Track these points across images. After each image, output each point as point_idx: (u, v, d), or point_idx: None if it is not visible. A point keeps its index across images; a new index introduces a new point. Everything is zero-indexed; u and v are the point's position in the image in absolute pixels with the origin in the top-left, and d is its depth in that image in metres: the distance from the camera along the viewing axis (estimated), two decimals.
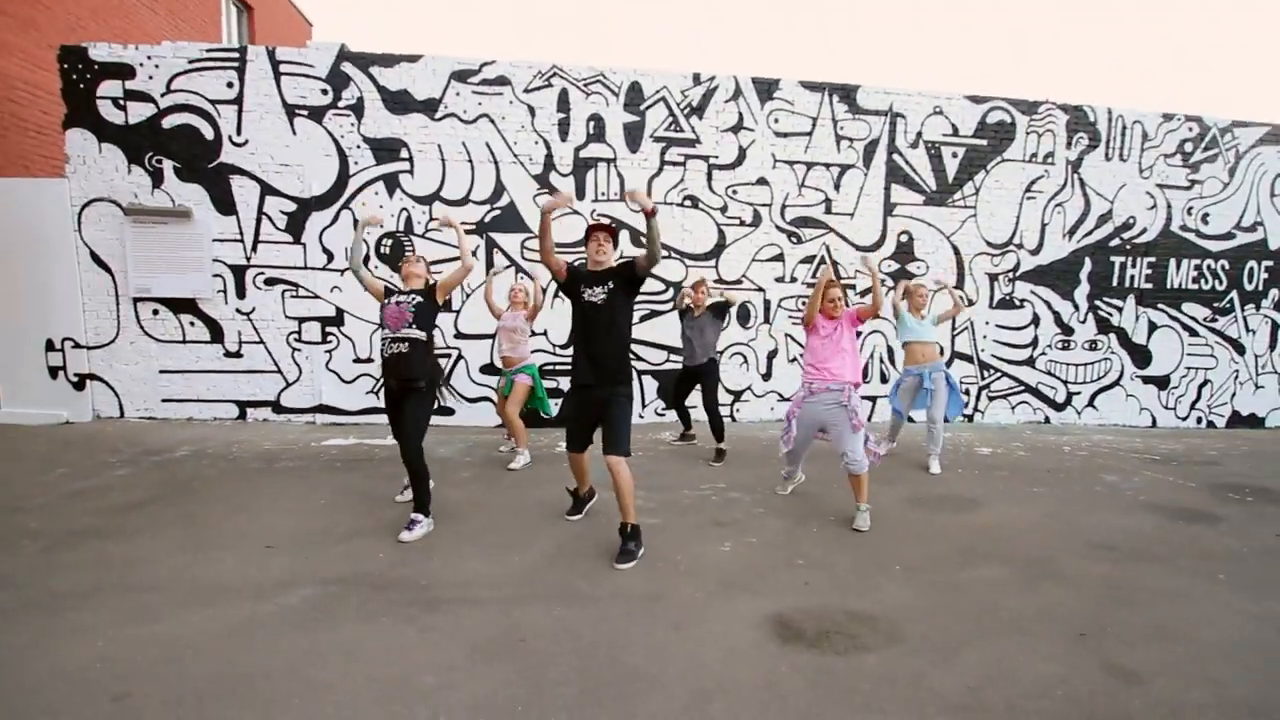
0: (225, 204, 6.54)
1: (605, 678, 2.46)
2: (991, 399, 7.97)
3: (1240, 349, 8.29)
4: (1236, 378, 8.31)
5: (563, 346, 7.15)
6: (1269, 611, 3.15)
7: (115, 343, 6.60)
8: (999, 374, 7.95)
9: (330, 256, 6.70)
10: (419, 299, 3.89)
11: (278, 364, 6.75)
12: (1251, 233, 8.15)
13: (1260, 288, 8.24)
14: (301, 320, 6.74)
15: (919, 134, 7.47)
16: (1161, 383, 8.19)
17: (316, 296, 6.73)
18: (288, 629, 2.72)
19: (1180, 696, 2.46)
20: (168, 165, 6.46)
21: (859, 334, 4.36)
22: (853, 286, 7.54)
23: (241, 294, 6.65)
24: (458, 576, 3.27)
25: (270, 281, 6.67)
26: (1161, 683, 2.54)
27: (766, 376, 7.61)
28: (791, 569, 3.51)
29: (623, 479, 3.50)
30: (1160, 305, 8.07)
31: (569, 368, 7.10)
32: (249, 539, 3.65)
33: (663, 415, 7.37)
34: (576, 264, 3.87)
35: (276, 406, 6.79)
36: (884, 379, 7.72)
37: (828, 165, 7.36)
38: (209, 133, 6.47)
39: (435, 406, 3.94)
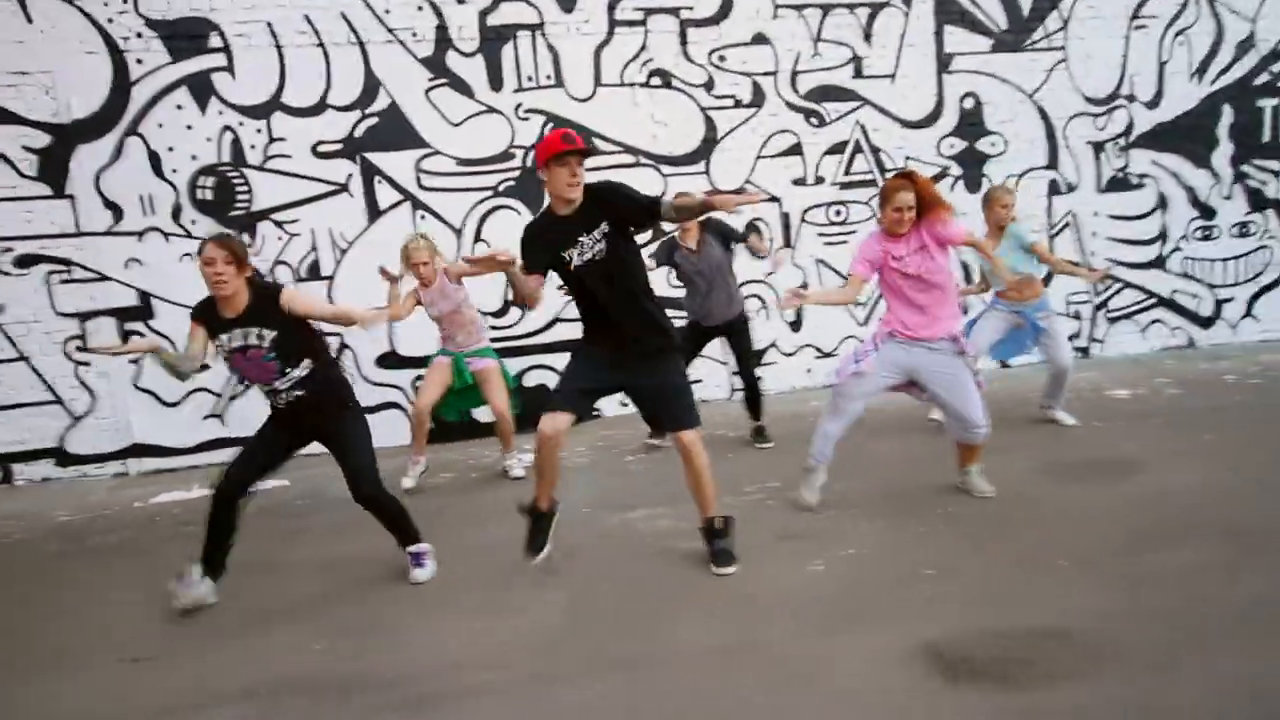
0: None
1: None
2: (1112, 321, 8.25)
3: None
4: None
5: (497, 313, 7.02)
6: None
7: None
8: (1119, 285, 8.21)
9: (118, 212, 6.37)
10: (269, 334, 3.66)
11: (53, 389, 6.43)
12: None
13: None
14: (85, 316, 6.41)
15: None
16: None
17: (104, 277, 6.42)
18: None
19: None
20: None
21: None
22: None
23: None
24: (442, 658, 3.22)
25: (25, 261, 6.31)
26: None
27: (796, 325, 7.71)
28: (920, 582, 3.58)
29: (702, 461, 3.82)
30: None
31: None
32: (94, 651, 3.51)
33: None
34: (532, 223, 3.88)
35: (61, 456, 6.51)
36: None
37: (852, 7, 7.39)
38: None
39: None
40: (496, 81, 6.87)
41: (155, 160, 6.40)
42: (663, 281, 6.07)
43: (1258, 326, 8.52)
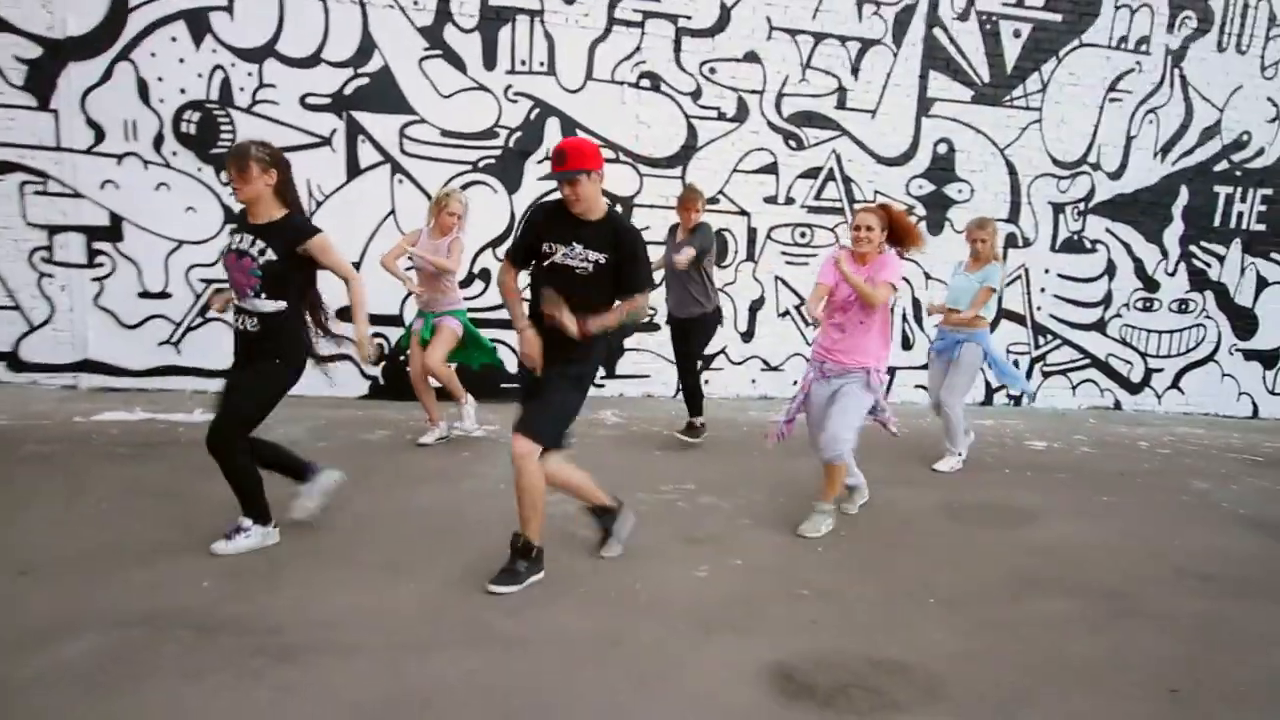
0: None
1: None
2: (1046, 374, 8.36)
3: None
4: None
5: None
6: None
7: None
8: (1058, 342, 8.32)
9: (99, 133, 6.30)
10: (270, 252, 3.53)
11: (14, 296, 6.39)
12: None
13: None
14: (54, 230, 6.35)
15: (971, 1, 7.56)
16: (1269, 360, 8.74)
17: (79, 195, 6.34)
18: (67, 694, 2.59)
19: None
20: None
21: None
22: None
23: None
24: (321, 614, 3.20)
25: (2, 168, 6.23)
26: None
27: (747, 336, 7.75)
28: (793, 601, 3.59)
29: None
30: (1274, 255, 8.56)
31: None
32: None
33: (601, 385, 7.38)
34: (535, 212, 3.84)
35: (14, 361, 6.47)
36: (906, 344, 7.99)
37: (844, 39, 7.38)
38: None
39: (286, 388, 3.82)
40: (490, 61, 6.80)
41: (144, 88, 6.30)
42: None
43: (1181, 399, 8.64)
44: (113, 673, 2.73)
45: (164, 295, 6.52)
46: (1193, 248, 8.42)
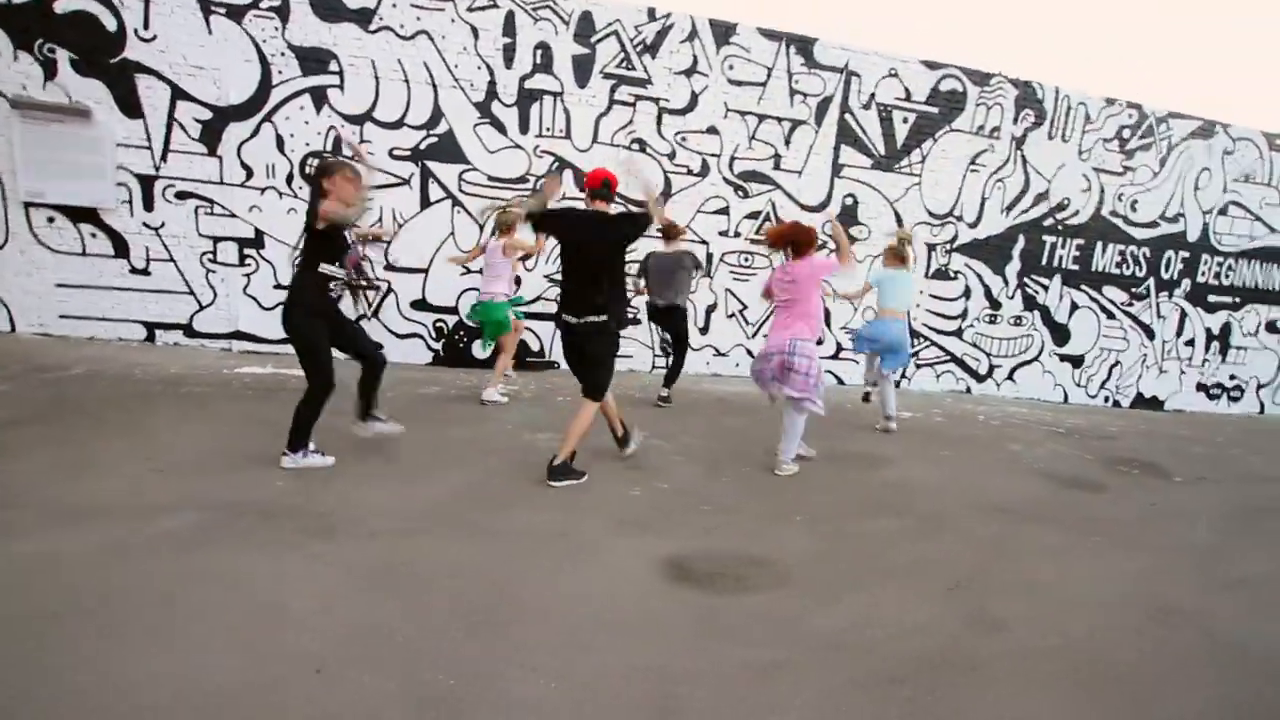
0: (130, 106, 5.97)
1: (489, 608, 2.47)
2: (919, 366, 8.24)
3: (1151, 334, 8.77)
4: (1144, 361, 8.80)
5: None
6: (1133, 568, 3.40)
7: (3, 250, 6.04)
8: (928, 343, 8.20)
9: (249, 172, 6.26)
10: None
11: (190, 285, 6.36)
12: (1173, 224, 8.52)
13: (1175, 277, 8.68)
14: (216, 240, 6.33)
15: (872, 95, 7.42)
16: (1077, 362, 8.61)
17: (233, 215, 6.30)
18: (162, 552, 2.62)
19: (1033, 642, 2.64)
20: (62, 55, 5.85)
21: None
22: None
23: (150, 206, 6.16)
24: (355, 508, 3.19)
25: (182, 195, 6.20)
26: (1019, 629, 2.72)
27: (704, 330, 7.63)
28: (696, 513, 3.57)
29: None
30: (1083, 286, 8.41)
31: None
32: (135, 461, 3.46)
33: None
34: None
35: (189, 330, 6.42)
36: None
37: (780, 119, 7.26)
38: (111, 23, 5.85)
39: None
40: (524, 127, 6.73)
41: (280, 141, 6.26)
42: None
43: (1014, 388, 8.51)
44: (198, 539, 2.77)
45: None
46: (1026, 279, 8.26)
